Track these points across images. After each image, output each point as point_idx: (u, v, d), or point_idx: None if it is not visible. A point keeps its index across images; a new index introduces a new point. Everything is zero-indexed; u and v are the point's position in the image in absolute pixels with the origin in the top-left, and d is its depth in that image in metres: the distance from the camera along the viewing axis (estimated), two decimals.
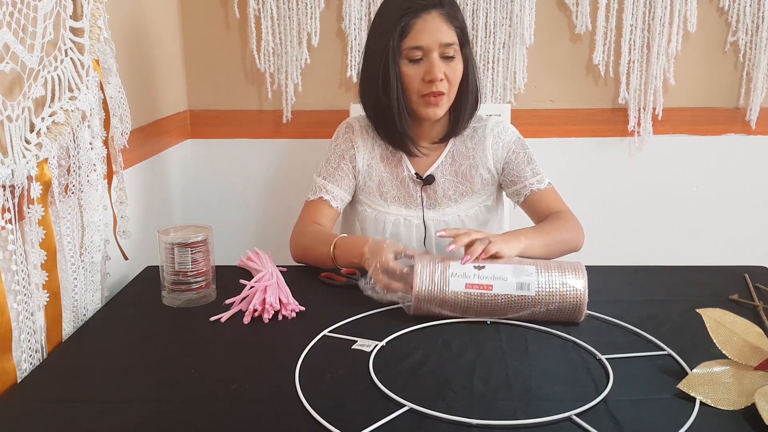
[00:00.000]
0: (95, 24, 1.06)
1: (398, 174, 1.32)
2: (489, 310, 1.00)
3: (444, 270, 1.00)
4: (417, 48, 1.19)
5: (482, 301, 0.99)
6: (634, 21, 1.73)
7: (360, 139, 1.32)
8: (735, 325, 0.84)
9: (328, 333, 0.97)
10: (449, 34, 1.19)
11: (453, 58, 1.21)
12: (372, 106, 1.28)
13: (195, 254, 1.07)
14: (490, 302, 0.99)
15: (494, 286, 0.99)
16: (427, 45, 1.18)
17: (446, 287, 0.99)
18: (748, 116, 1.79)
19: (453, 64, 1.21)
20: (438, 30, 1.18)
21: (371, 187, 1.32)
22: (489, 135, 1.32)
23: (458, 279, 1.00)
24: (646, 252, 1.88)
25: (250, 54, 1.77)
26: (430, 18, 1.18)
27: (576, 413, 0.75)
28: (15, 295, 0.87)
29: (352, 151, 1.32)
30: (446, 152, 1.33)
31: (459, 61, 1.22)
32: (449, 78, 1.21)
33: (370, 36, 1.27)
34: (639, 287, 1.16)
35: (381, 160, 1.32)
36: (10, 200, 0.85)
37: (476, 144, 1.32)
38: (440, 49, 1.19)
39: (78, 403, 0.79)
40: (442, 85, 1.20)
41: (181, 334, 0.99)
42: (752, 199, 1.86)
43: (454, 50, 1.20)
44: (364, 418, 0.74)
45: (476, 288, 0.99)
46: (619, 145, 1.84)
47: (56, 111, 0.96)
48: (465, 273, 1.00)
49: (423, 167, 1.32)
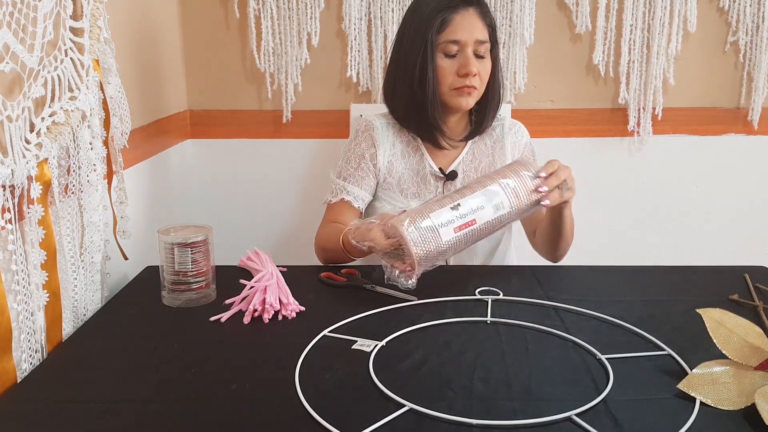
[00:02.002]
0: (95, 24, 1.06)
1: (419, 170, 1.33)
2: (478, 239, 1.08)
3: (430, 225, 1.03)
4: (454, 42, 1.22)
5: (471, 236, 1.06)
6: (634, 21, 1.73)
7: (380, 137, 1.33)
8: (735, 325, 0.84)
9: (328, 333, 0.97)
10: (483, 32, 1.23)
11: (484, 57, 1.24)
12: (405, 99, 1.28)
13: (195, 254, 1.07)
14: (477, 233, 1.07)
15: (477, 219, 1.06)
16: (463, 40, 1.21)
17: (440, 240, 1.03)
18: (750, 116, 1.79)
19: (484, 62, 1.25)
20: (474, 26, 1.22)
21: (391, 183, 1.33)
22: (508, 134, 1.35)
23: (446, 228, 1.04)
24: (647, 252, 1.88)
25: (250, 54, 1.77)
26: (467, 14, 1.22)
27: (576, 413, 0.75)
28: (15, 295, 0.87)
29: (373, 150, 1.32)
30: (467, 149, 1.35)
31: (488, 59, 1.26)
32: (480, 74, 1.24)
33: (404, 31, 1.28)
34: (639, 287, 1.16)
35: (402, 157, 1.33)
36: (10, 200, 0.85)
37: (495, 142, 1.35)
38: (475, 45, 1.22)
39: (78, 403, 0.79)
40: (475, 80, 1.23)
41: (181, 334, 0.99)
42: (752, 199, 1.86)
43: (485, 48, 1.24)
44: (364, 418, 0.74)
45: (464, 228, 1.05)
46: (619, 145, 1.84)
47: (56, 111, 0.96)
48: (449, 219, 1.04)
49: (444, 163, 1.33)
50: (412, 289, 1.08)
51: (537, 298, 1.09)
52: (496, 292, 1.09)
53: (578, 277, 1.22)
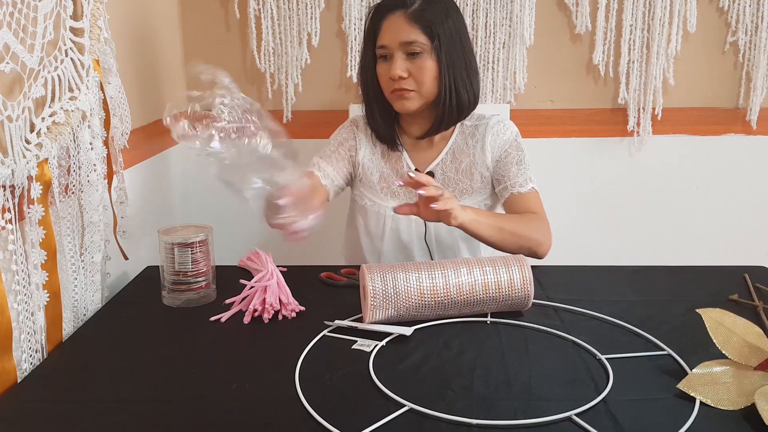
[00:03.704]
0: (95, 24, 1.06)
1: (398, 170, 1.33)
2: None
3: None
4: (382, 47, 1.24)
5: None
6: (634, 21, 1.73)
7: (363, 135, 1.36)
8: (735, 325, 0.84)
9: (328, 333, 0.97)
10: (411, 33, 1.21)
11: (418, 54, 1.22)
12: (363, 104, 1.34)
13: (195, 254, 1.07)
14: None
15: None
16: (389, 44, 1.23)
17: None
18: (749, 116, 1.79)
19: (419, 62, 1.22)
20: (399, 29, 1.22)
21: (372, 181, 1.34)
22: (489, 133, 1.33)
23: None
24: (646, 252, 1.88)
25: (250, 54, 1.77)
26: (393, 18, 1.23)
27: (576, 413, 0.75)
28: (15, 295, 0.87)
29: (353, 143, 1.36)
30: (447, 149, 1.33)
31: (428, 58, 1.22)
32: (414, 75, 1.23)
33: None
34: (639, 287, 1.16)
35: (382, 156, 1.35)
36: (10, 200, 0.85)
37: (476, 142, 1.33)
38: (403, 48, 1.22)
39: (78, 403, 0.79)
40: (407, 83, 1.23)
41: (181, 334, 0.99)
42: (752, 199, 1.86)
43: (420, 47, 1.21)
44: (364, 418, 0.74)
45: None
46: (619, 145, 1.84)
47: (56, 111, 0.96)
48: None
49: (423, 163, 1.33)
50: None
51: (537, 298, 1.09)
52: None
53: (578, 277, 1.22)
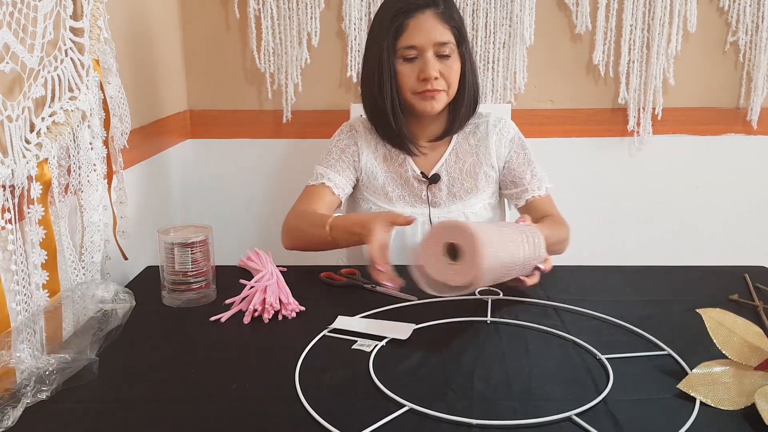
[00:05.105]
0: (95, 24, 1.06)
1: (402, 173, 1.32)
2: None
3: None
4: (411, 47, 1.21)
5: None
6: (634, 21, 1.73)
7: (363, 140, 1.34)
8: (735, 325, 0.84)
9: (328, 333, 0.97)
10: (444, 33, 1.21)
11: (449, 56, 1.22)
12: (370, 106, 1.29)
13: (195, 254, 1.07)
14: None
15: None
16: (420, 44, 1.20)
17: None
18: (749, 116, 1.79)
19: (449, 63, 1.22)
20: (432, 29, 1.20)
21: (375, 186, 1.33)
22: (492, 131, 1.33)
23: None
24: (647, 252, 1.88)
25: (250, 54, 1.77)
26: (424, 17, 1.20)
27: (576, 413, 0.75)
28: (15, 295, 0.87)
29: (355, 148, 1.33)
30: (450, 150, 1.33)
31: (456, 59, 1.23)
32: (445, 76, 1.22)
33: (368, 37, 1.29)
34: (639, 287, 1.16)
35: (384, 161, 1.33)
36: (10, 200, 0.85)
37: (479, 141, 1.33)
38: (435, 48, 1.21)
39: (77, 403, 0.79)
40: (438, 84, 1.22)
41: (181, 334, 0.99)
42: (752, 199, 1.86)
43: (449, 49, 1.22)
44: (364, 418, 0.74)
45: None
46: (619, 145, 1.84)
47: (56, 111, 0.96)
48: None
49: (427, 166, 1.32)
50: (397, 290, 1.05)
51: (537, 298, 1.09)
52: (496, 292, 1.09)
53: (578, 277, 1.22)
